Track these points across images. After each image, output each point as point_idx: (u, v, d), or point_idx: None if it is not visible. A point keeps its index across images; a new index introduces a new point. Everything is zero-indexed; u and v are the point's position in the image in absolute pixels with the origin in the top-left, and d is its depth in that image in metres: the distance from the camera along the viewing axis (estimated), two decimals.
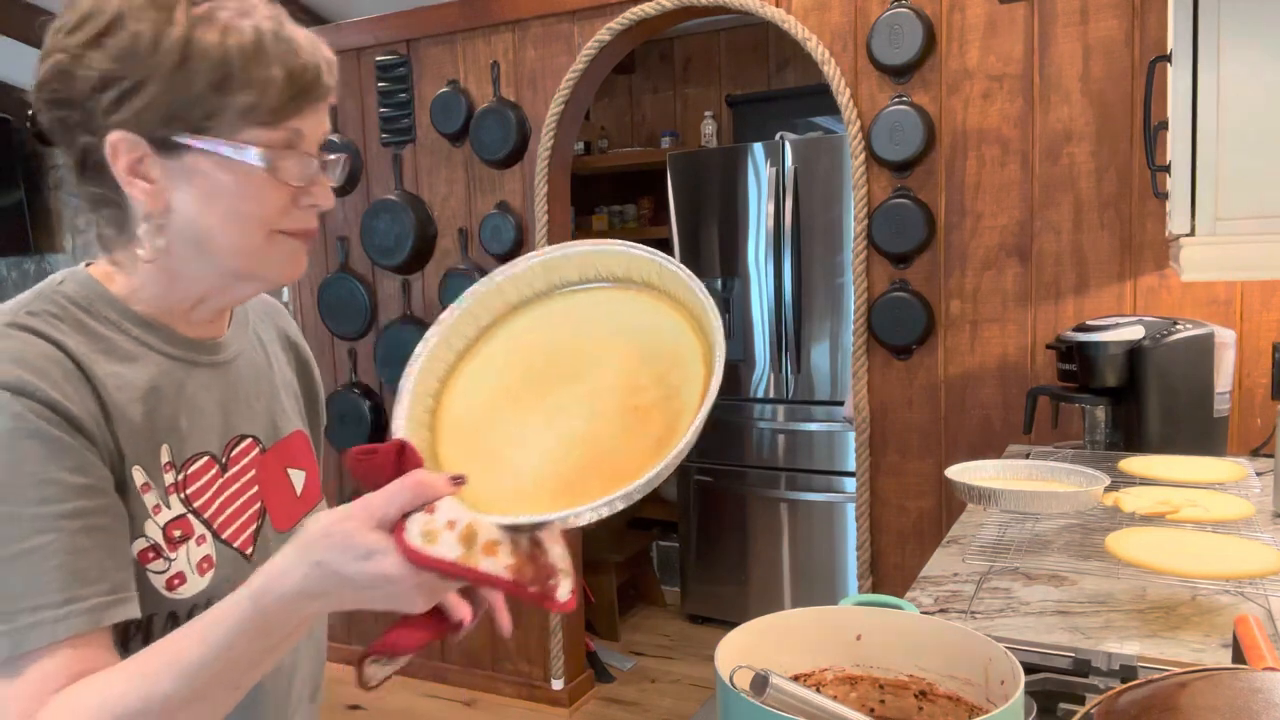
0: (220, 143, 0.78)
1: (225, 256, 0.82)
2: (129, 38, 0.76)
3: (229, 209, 0.80)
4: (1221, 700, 0.74)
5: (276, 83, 0.78)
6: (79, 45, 0.77)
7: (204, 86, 0.76)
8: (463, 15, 3.18)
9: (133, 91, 0.76)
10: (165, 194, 0.79)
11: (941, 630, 0.84)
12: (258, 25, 0.78)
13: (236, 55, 0.76)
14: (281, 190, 0.82)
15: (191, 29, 0.76)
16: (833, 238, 3.47)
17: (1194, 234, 1.48)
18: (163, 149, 0.78)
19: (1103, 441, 2.07)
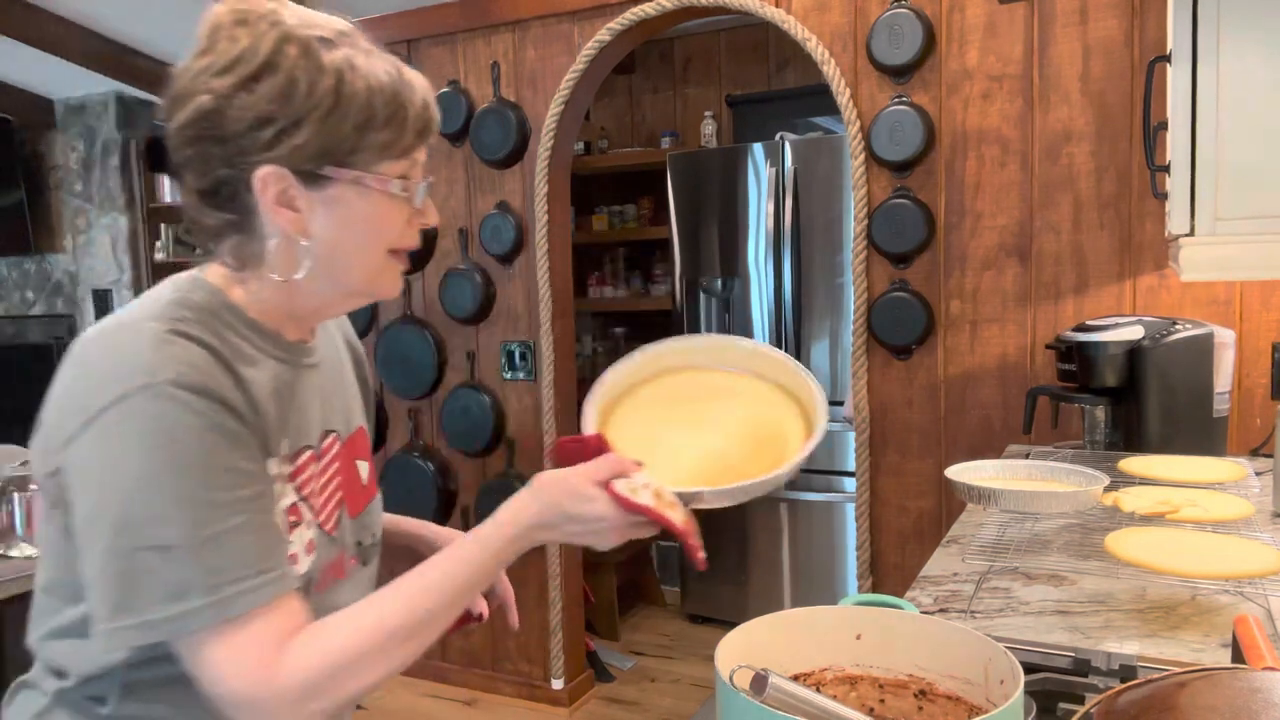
0: (363, 175, 0.88)
1: (351, 275, 0.93)
2: (284, 83, 0.84)
3: (363, 232, 0.90)
4: (1221, 700, 0.74)
5: (407, 122, 0.89)
6: (230, 87, 0.84)
7: (351, 127, 0.86)
8: (463, 15, 3.18)
9: (288, 131, 0.85)
10: (306, 221, 0.88)
11: (941, 630, 0.84)
12: (387, 70, 0.89)
13: (378, 100, 0.87)
14: (403, 213, 0.92)
15: (340, 77, 0.85)
16: (833, 238, 3.47)
17: (1193, 234, 1.48)
18: (308, 181, 0.87)
19: (1102, 441, 2.07)
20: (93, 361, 0.84)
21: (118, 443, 0.79)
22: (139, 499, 0.79)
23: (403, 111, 0.88)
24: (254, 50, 0.84)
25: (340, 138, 0.86)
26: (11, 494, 1.91)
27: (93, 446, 0.80)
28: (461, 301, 3.25)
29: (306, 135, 0.85)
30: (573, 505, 0.90)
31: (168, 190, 5.39)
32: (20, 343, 5.92)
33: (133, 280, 5.49)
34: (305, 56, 0.85)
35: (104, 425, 0.80)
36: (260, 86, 0.84)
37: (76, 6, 4.30)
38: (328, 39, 0.87)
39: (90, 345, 0.85)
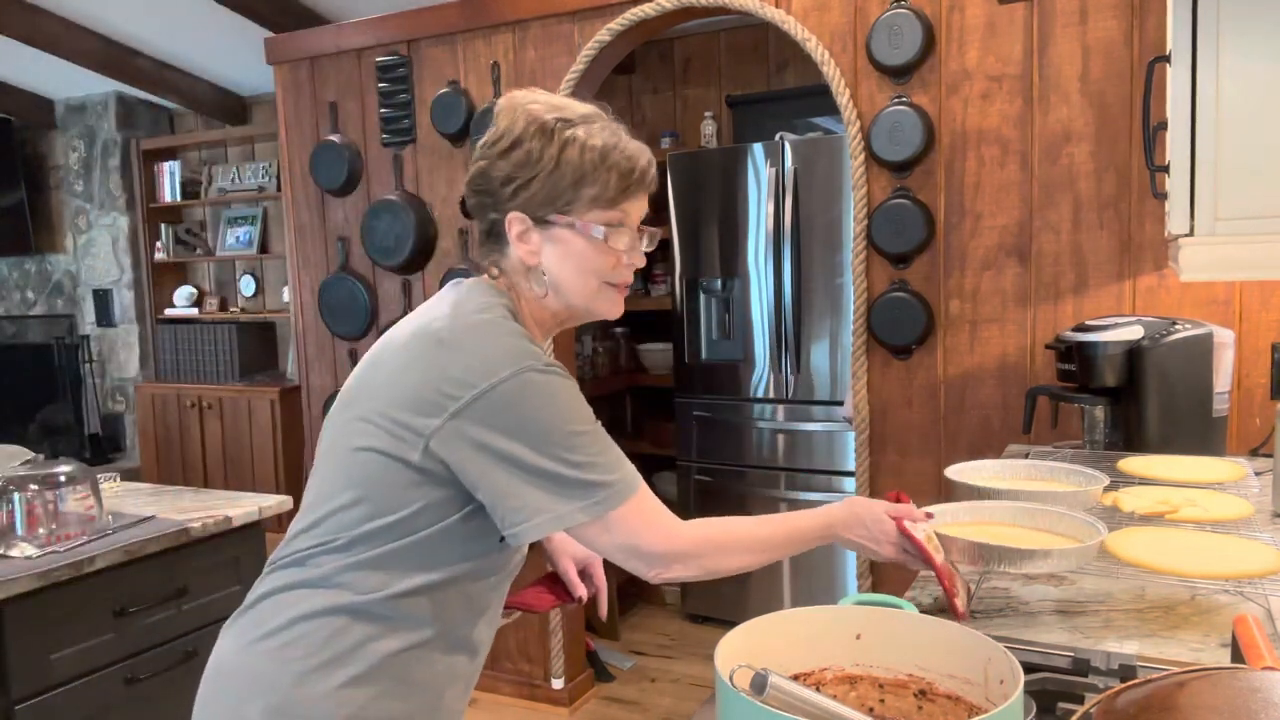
0: (575, 220, 1.15)
1: (573, 297, 1.20)
2: (524, 153, 1.15)
3: (577, 265, 1.18)
4: (1220, 700, 0.74)
5: (612, 181, 1.16)
6: (494, 155, 1.17)
7: (568, 183, 1.14)
8: (463, 16, 3.18)
9: (525, 186, 1.15)
10: (539, 253, 1.17)
11: (941, 630, 0.84)
12: (605, 141, 1.16)
13: (588, 161, 1.15)
14: (611, 254, 1.18)
15: (564, 146, 1.14)
16: (832, 238, 3.47)
17: (1193, 234, 1.48)
18: (539, 223, 1.16)
19: (1102, 441, 2.07)
20: (476, 345, 1.10)
21: (531, 398, 1.07)
22: (555, 431, 1.07)
23: (610, 171, 1.15)
24: (510, 130, 1.16)
25: (560, 191, 1.15)
26: (11, 494, 1.91)
27: (505, 402, 1.07)
28: None
29: (535, 189, 1.15)
30: (871, 521, 1.22)
31: (167, 190, 5.39)
32: (20, 343, 5.92)
33: (133, 280, 5.49)
34: (541, 134, 1.15)
35: (513, 386, 1.07)
36: (511, 155, 1.15)
37: (76, 6, 4.30)
38: (567, 119, 1.16)
39: (466, 332, 1.11)
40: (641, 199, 1.21)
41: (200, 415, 4.99)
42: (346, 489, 1.13)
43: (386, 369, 1.15)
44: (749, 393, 3.72)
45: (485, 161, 1.18)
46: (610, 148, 1.16)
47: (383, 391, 1.13)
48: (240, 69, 4.95)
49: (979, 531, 1.29)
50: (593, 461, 1.10)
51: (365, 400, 1.14)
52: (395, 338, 1.18)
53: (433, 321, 1.14)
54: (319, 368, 3.62)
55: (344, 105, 3.43)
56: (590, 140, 1.16)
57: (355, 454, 1.13)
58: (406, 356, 1.13)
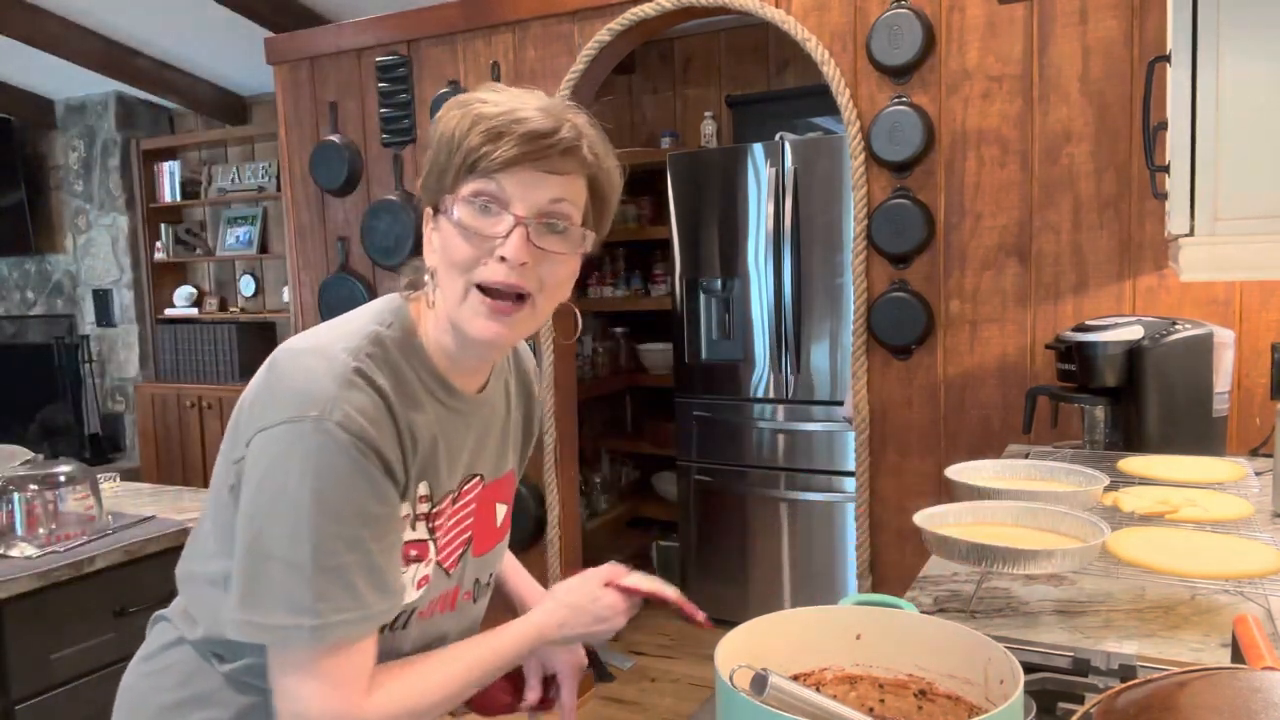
0: (448, 197, 0.93)
1: (443, 305, 0.96)
2: (431, 136, 0.97)
3: (443, 259, 0.94)
4: (1220, 700, 0.74)
5: (476, 137, 0.91)
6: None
7: (445, 153, 0.93)
8: (463, 15, 3.18)
9: (427, 173, 0.96)
10: (429, 248, 0.97)
11: (941, 630, 0.84)
12: (498, 104, 0.93)
13: (465, 122, 0.92)
14: (474, 239, 0.92)
15: (451, 116, 0.94)
16: (832, 238, 3.47)
17: (1193, 234, 1.48)
18: (434, 215, 0.96)
19: (1102, 441, 2.07)
20: (285, 374, 0.92)
21: (281, 458, 0.88)
22: (280, 515, 0.87)
23: (480, 124, 0.91)
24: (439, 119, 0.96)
25: (443, 166, 0.93)
26: (11, 494, 1.91)
27: (262, 452, 0.89)
28: None
29: (427, 171, 0.96)
30: (590, 603, 1.09)
31: (167, 190, 5.39)
32: (20, 343, 5.92)
33: (133, 280, 5.49)
34: (444, 110, 0.95)
35: (275, 436, 0.88)
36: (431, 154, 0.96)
37: (76, 6, 4.30)
38: (481, 96, 0.94)
39: (290, 357, 0.93)
40: (531, 172, 0.91)
41: (200, 415, 4.99)
42: (209, 515, 1.02)
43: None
44: (749, 393, 3.72)
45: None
46: (499, 107, 0.92)
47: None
48: (240, 69, 4.95)
49: (980, 532, 1.29)
50: (309, 577, 0.86)
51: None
52: None
53: (299, 336, 0.98)
54: None
55: (344, 105, 3.43)
56: (484, 107, 0.92)
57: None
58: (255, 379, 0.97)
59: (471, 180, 0.91)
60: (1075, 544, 1.20)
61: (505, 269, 0.91)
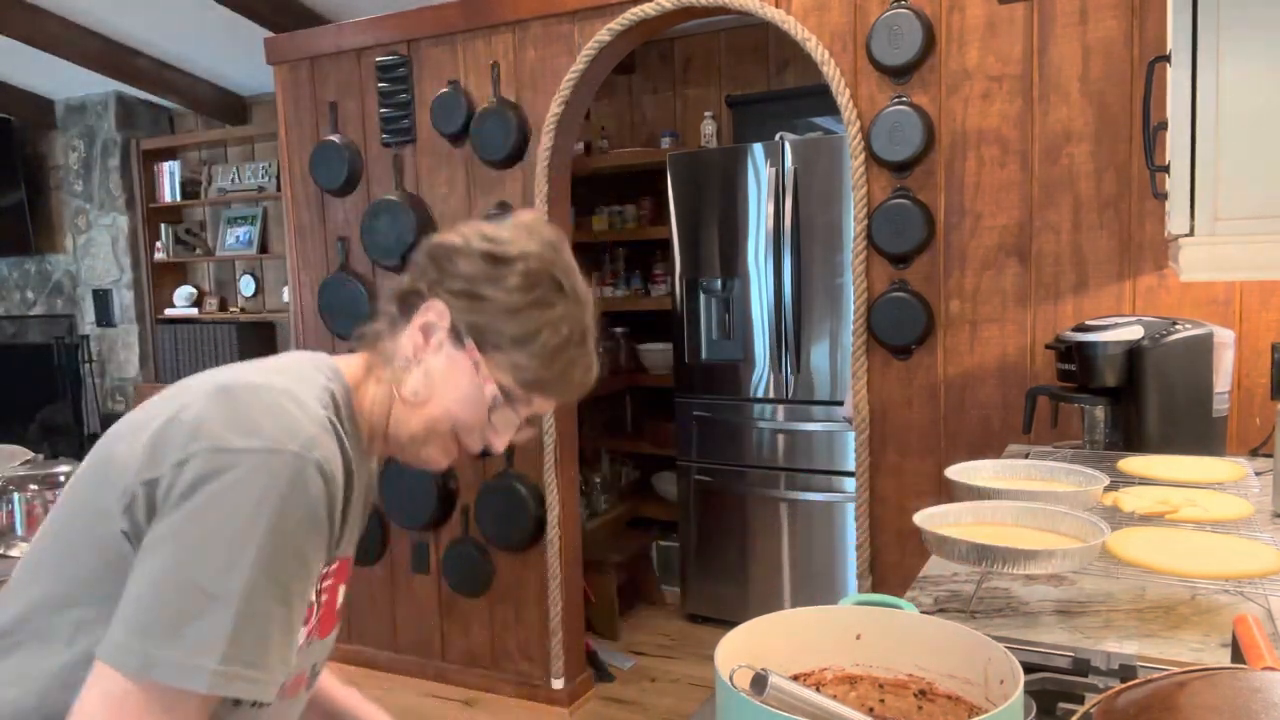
0: (484, 365, 1.00)
1: (420, 419, 1.02)
2: (500, 273, 1.00)
3: (449, 397, 1.01)
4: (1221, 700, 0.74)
5: (543, 373, 1.01)
6: (480, 250, 1.02)
7: (509, 337, 0.99)
8: (463, 15, 3.18)
9: (475, 297, 1.00)
10: (429, 354, 1.01)
11: (941, 630, 0.84)
12: (568, 336, 1.01)
13: (539, 340, 0.99)
14: (483, 419, 1.02)
15: (533, 304, 1.00)
16: (832, 238, 3.47)
17: (1193, 234, 1.48)
18: (454, 334, 1.01)
19: (1102, 441, 2.07)
20: (248, 407, 0.87)
21: (241, 483, 0.83)
22: (220, 541, 0.82)
23: (549, 363, 1.01)
24: (514, 246, 1.01)
25: (496, 331, 0.99)
26: (11, 494, 1.91)
27: (213, 472, 0.83)
28: None
29: (480, 309, 0.99)
30: None
31: (167, 190, 5.39)
32: (20, 343, 5.92)
33: (133, 280, 5.49)
34: (527, 276, 1.00)
35: (239, 460, 0.83)
36: (492, 264, 1.00)
37: (77, 7, 4.30)
38: (561, 286, 1.01)
39: (253, 392, 0.89)
40: (553, 403, 1.06)
41: None
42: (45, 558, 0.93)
43: (148, 409, 0.94)
44: (749, 393, 3.72)
45: (469, 244, 1.02)
46: (568, 345, 1.02)
47: (124, 431, 0.92)
48: (240, 69, 4.95)
49: (980, 532, 1.29)
50: (230, 615, 0.80)
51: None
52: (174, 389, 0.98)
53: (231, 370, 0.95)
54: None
55: (344, 105, 3.43)
56: (560, 323, 1.01)
57: (65, 511, 0.94)
58: (174, 398, 0.92)
59: (513, 382, 1.01)
60: (1075, 544, 1.20)
61: (483, 445, 1.05)
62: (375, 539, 3.51)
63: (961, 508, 1.35)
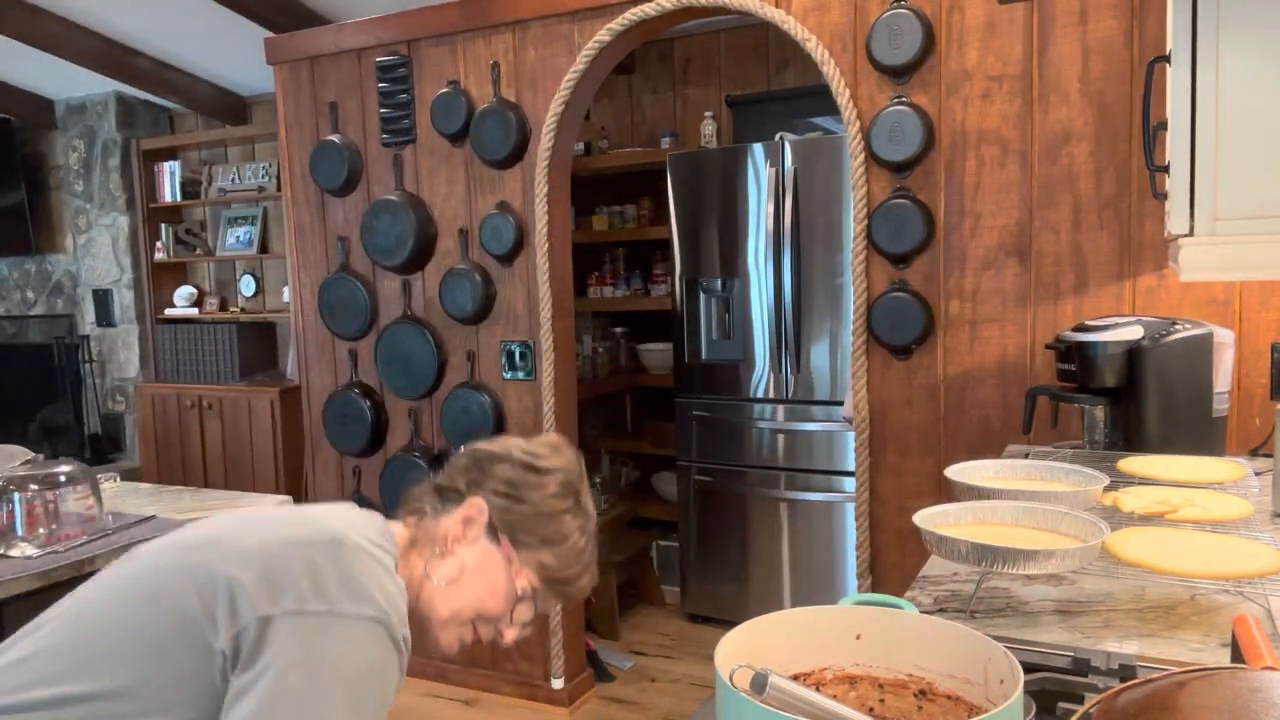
0: (515, 559, 1.12)
1: (447, 605, 1.11)
2: (539, 481, 1.16)
3: (480, 588, 1.12)
4: (1220, 700, 0.74)
5: (565, 570, 1.15)
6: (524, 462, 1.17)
7: (541, 538, 1.13)
8: (463, 16, 3.18)
9: (514, 499, 1.14)
10: (465, 546, 1.13)
11: (941, 630, 0.84)
12: (586, 544, 1.16)
13: (568, 545, 1.14)
14: (507, 610, 1.13)
15: (566, 510, 1.15)
16: (832, 238, 3.47)
17: (1193, 234, 1.48)
18: (490, 530, 1.13)
19: (1102, 441, 2.07)
20: (360, 570, 0.98)
21: (349, 652, 0.92)
22: (326, 701, 0.90)
23: (572, 562, 1.15)
24: (554, 462, 1.17)
25: (530, 531, 1.13)
26: (12, 494, 1.91)
27: (325, 634, 0.92)
28: (461, 301, 3.26)
29: (518, 510, 1.13)
30: None
31: (167, 190, 5.39)
32: (20, 343, 5.92)
33: (133, 280, 5.49)
34: (564, 486, 1.16)
35: (348, 628, 0.93)
36: (532, 474, 1.15)
37: (77, 6, 4.30)
38: (582, 502, 1.17)
39: (359, 554, 0.99)
40: (560, 604, 1.24)
41: (200, 415, 4.98)
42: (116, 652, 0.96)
43: (255, 530, 1.02)
44: (749, 393, 3.72)
45: (510, 454, 1.17)
46: (584, 552, 1.18)
47: (233, 548, 0.99)
48: (240, 69, 4.95)
49: (980, 532, 1.29)
50: None
51: (206, 550, 1.00)
52: (275, 512, 1.08)
53: (335, 517, 1.05)
54: (319, 368, 3.62)
55: (344, 105, 3.43)
56: (582, 531, 1.17)
57: (153, 606, 0.96)
58: (286, 530, 1.01)
59: (539, 579, 1.13)
60: (1075, 544, 1.20)
61: (497, 637, 1.16)
62: None
63: (961, 508, 1.35)
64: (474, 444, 1.21)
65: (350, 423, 3.49)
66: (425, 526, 1.15)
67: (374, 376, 3.49)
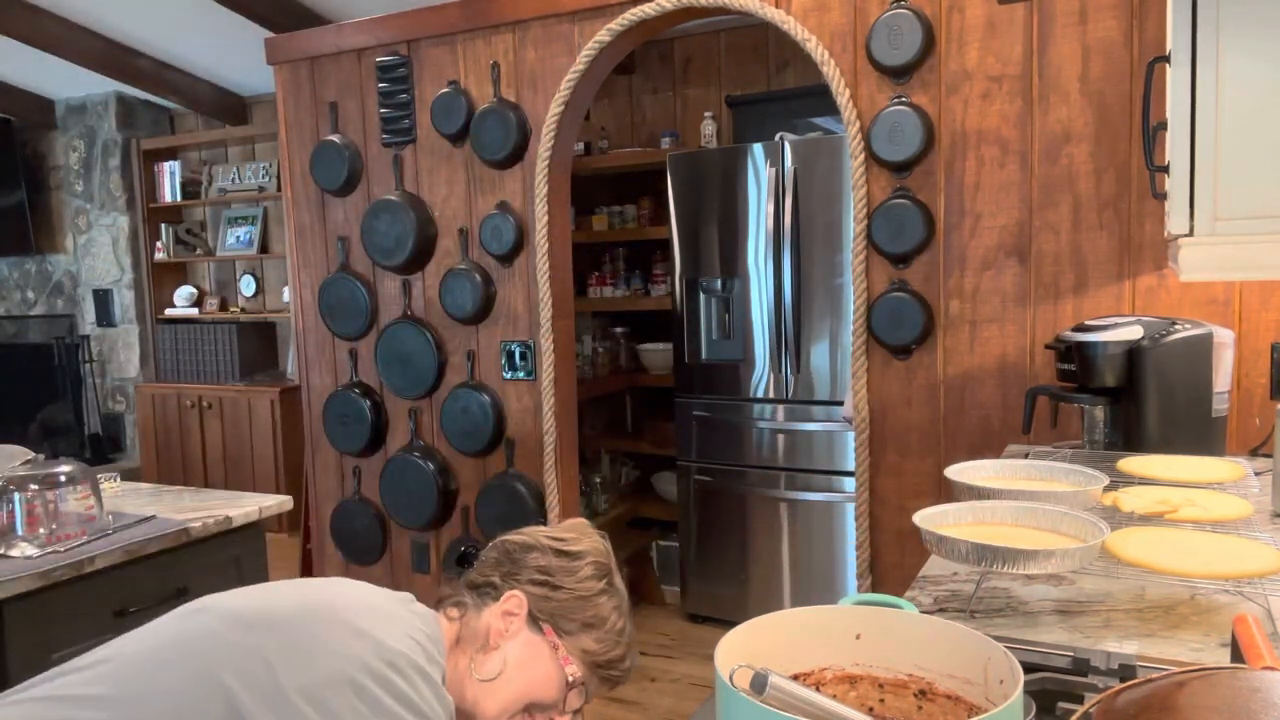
0: (560, 646, 1.14)
1: (497, 700, 1.11)
2: (573, 566, 1.18)
3: (529, 678, 1.12)
4: (1220, 700, 0.74)
5: (611, 670, 1.17)
6: (553, 547, 1.19)
7: (581, 623, 1.15)
8: (463, 16, 3.18)
9: (550, 586, 1.15)
10: (508, 638, 1.13)
11: (941, 630, 0.84)
12: (625, 624, 1.19)
13: (608, 625, 1.16)
14: (559, 697, 1.13)
15: (601, 592, 1.17)
16: (832, 238, 3.47)
17: (1192, 234, 1.48)
18: (532, 620, 1.14)
19: (1101, 441, 2.07)
20: (404, 685, 0.98)
21: None
22: None
23: (611, 652, 1.16)
24: (581, 545, 1.19)
25: (572, 617, 1.14)
26: (12, 494, 1.90)
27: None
28: (461, 301, 3.26)
29: (556, 597, 1.15)
30: None
31: (168, 190, 5.39)
32: (20, 343, 5.92)
33: (133, 280, 5.49)
34: (596, 568, 1.18)
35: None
36: (565, 559, 1.17)
37: (76, 6, 4.30)
38: (614, 583, 1.19)
39: (407, 667, 0.99)
40: (608, 688, 1.21)
41: (200, 415, 4.99)
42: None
43: (319, 633, 1.00)
44: (749, 393, 3.72)
45: (539, 543, 1.19)
46: (625, 631, 1.19)
47: (298, 653, 0.98)
48: (240, 69, 4.95)
49: (980, 532, 1.29)
50: None
51: (274, 634, 0.99)
52: (354, 598, 1.06)
53: (394, 624, 1.03)
54: (319, 368, 3.62)
55: (344, 105, 3.44)
56: (619, 611, 1.19)
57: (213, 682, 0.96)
58: (349, 639, 0.99)
59: (581, 665, 1.14)
60: (1075, 544, 1.20)
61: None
62: (376, 539, 3.51)
63: (961, 508, 1.35)
64: (501, 537, 1.22)
65: (350, 423, 3.49)
66: (468, 623, 1.15)
67: (374, 376, 3.49)
